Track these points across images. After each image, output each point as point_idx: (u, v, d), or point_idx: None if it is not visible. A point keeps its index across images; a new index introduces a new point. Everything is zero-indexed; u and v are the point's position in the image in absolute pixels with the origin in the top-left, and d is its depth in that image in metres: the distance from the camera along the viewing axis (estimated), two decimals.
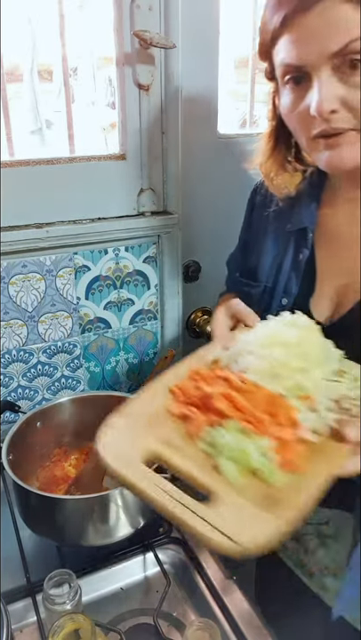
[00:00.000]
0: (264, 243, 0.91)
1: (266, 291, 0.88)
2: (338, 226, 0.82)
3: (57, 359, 1.16)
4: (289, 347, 0.64)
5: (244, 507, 0.51)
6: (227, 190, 1.19)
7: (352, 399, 0.62)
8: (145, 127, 1.08)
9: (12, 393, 1.14)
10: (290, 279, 0.84)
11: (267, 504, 0.51)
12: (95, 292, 1.15)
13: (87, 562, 0.90)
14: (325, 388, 0.62)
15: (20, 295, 1.07)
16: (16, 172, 1.01)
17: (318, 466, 0.55)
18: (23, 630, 0.82)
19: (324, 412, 0.60)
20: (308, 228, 0.83)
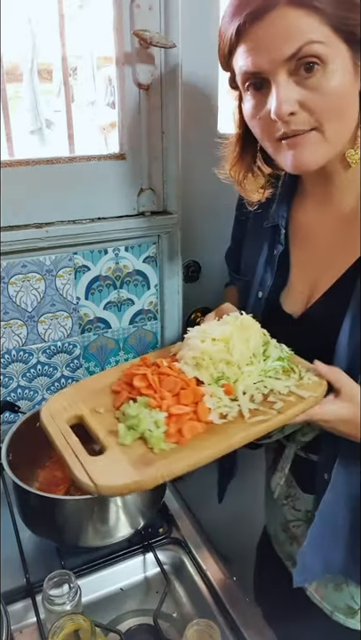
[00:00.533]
0: (246, 239, 0.97)
1: (246, 284, 0.93)
2: (309, 224, 0.86)
3: (57, 359, 1.16)
4: (219, 342, 0.73)
5: (119, 461, 0.63)
6: (227, 190, 1.18)
7: (283, 395, 0.70)
8: (145, 127, 1.08)
9: (12, 393, 1.14)
10: (265, 273, 0.89)
11: (139, 462, 0.62)
12: (95, 291, 1.15)
13: (87, 562, 0.90)
14: (252, 381, 0.71)
15: (19, 295, 1.07)
16: (16, 171, 1.01)
17: (208, 442, 0.65)
18: (23, 631, 0.82)
19: (243, 400, 0.69)
20: (279, 225, 0.87)
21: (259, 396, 0.70)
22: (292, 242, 0.88)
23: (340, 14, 0.64)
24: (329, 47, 0.65)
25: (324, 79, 0.67)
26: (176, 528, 0.98)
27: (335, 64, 0.66)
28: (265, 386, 0.71)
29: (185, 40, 1.03)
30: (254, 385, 0.71)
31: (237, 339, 0.73)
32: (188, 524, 0.99)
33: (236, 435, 0.66)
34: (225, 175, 0.87)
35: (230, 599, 0.84)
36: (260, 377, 0.72)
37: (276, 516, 0.99)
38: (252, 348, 0.73)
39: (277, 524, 0.99)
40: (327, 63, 0.66)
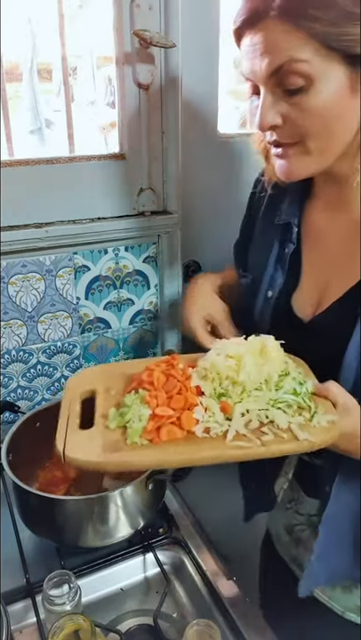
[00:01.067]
0: (256, 234, 0.94)
1: (254, 282, 0.90)
2: (321, 226, 0.84)
3: (57, 359, 1.16)
4: (232, 359, 0.72)
5: (95, 439, 0.68)
6: (227, 190, 1.19)
7: (280, 429, 0.67)
8: (145, 127, 1.08)
9: (12, 393, 1.14)
10: (275, 272, 0.86)
11: (109, 446, 0.66)
12: (95, 291, 1.15)
13: (87, 562, 0.90)
14: (257, 406, 0.69)
15: (19, 295, 1.07)
16: (16, 171, 1.01)
17: (177, 449, 0.66)
18: (23, 631, 0.82)
19: (236, 422, 0.67)
20: (291, 223, 0.85)
21: (256, 423, 0.68)
22: (304, 242, 0.86)
23: (333, 30, 0.61)
24: (316, 65, 0.63)
25: (308, 97, 0.65)
26: (176, 528, 0.98)
27: (323, 83, 0.64)
28: (267, 415, 0.68)
29: (185, 40, 1.03)
30: (258, 411, 0.69)
31: (250, 361, 0.71)
32: (188, 524, 0.99)
33: (207, 453, 0.66)
34: (256, 148, 0.84)
35: (230, 599, 0.84)
36: (267, 405, 0.69)
37: (279, 518, 0.99)
38: (264, 374, 0.70)
39: (280, 526, 0.98)
40: (313, 81, 0.64)
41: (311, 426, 0.67)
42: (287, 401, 0.69)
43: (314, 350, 0.79)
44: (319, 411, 0.68)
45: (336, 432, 0.66)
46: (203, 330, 0.87)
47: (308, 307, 0.83)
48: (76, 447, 0.67)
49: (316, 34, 0.61)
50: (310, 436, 0.65)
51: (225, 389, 0.71)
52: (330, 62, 0.63)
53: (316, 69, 0.63)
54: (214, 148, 1.18)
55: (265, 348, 0.73)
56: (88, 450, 0.66)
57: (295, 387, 0.70)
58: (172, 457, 0.66)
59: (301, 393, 0.70)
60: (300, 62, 0.63)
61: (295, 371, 0.73)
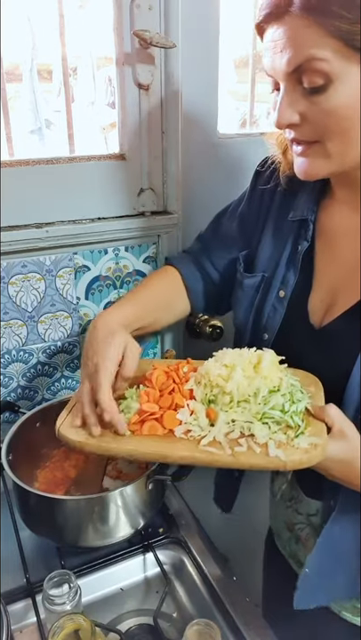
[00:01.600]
0: (265, 230, 0.90)
1: (264, 281, 0.87)
2: (336, 224, 0.81)
3: (57, 359, 1.16)
4: (226, 368, 0.73)
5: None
6: (227, 190, 1.18)
7: (257, 443, 0.67)
8: (145, 127, 1.08)
9: (12, 393, 1.14)
10: (288, 270, 0.84)
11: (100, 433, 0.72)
12: (95, 292, 1.15)
13: (87, 562, 0.90)
14: (243, 418, 0.70)
15: (19, 295, 1.07)
16: (16, 171, 1.01)
17: (153, 444, 0.70)
18: (23, 631, 0.82)
19: (217, 430, 0.69)
20: (308, 220, 0.82)
21: (237, 433, 0.69)
22: (318, 241, 0.83)
23: (355, 29, 0.59)
24: (336, 64, 0.61)
25: (327, 97, 0.63)
26: (176, 528, 0.98)
27: (343, 83, 0.62)
28: (249, 428, 0.69)
29: (185, 40, 1.03)
30: (243, 423, 0.69)
31: (241, 373, 0.71)
32: (188, 524, 0.99)
33: (178, 452, 0.68)
34: (272, 142, 0.83)
35: (230, 599, 0.84)
36: (253, 418, 0.69)
37: (279, 515, 0.99)
38: (253, 387, 0.70)
39: (281, 522, 0.99)
40: (333, 81, 0.62)
41: (290, 445, 0.66)
42: (274, 417, 0.69)
43: (322, 358, 0.78)
44: (307, 431, 0.68)
45: (316, 455, 0.65)
46: (108, 387, 0.75)
47: (319, 312, 0.80)
48: (70, 428, 0.74)
49: (338, 32, 0.60)
50: (283, 455, 0.65)
51: (214, 396, 0.72)
52: (351, 62, 0.61)
53: (335, 69, 0.61)
54: (214, 148, 1.18)
55: (260, 363, 0.73)
56: (78, 431, 0.73)
57: (284, 404, 0.70)
58: (144, 449, 0.69)
59: (290, 411, 0.69)
60: (320, 61, 0.61)
61: (290, 388, 0.72)
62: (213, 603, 0.85)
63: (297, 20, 0.61)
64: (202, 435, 0.70)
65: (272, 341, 0.84)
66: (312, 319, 0.81)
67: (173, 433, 0.71)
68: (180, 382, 0.76)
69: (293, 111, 0.67)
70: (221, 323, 1.21)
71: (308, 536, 0.91)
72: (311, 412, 0.70)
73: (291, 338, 0.82)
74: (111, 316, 0.85)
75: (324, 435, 0.67)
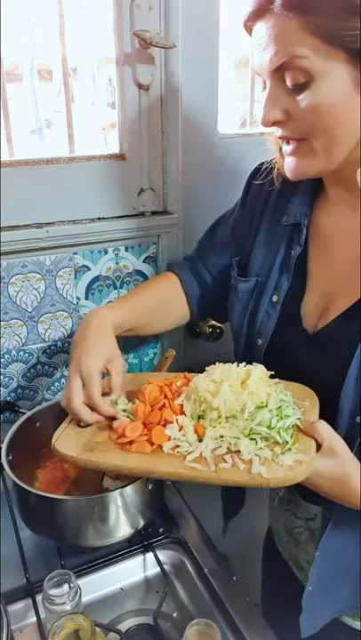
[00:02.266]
0: (258, 235, 0.90)
1: (257, 285, 0.87)
2: (330, 228, 0.80)
3: (57, 359, 1.16)
4: (215, 384, 0.73)
5: (82, 438, 0.77)
6: (227, 190, 1.18)
7: (241, 459, 0.67)
8: (145, 127, 1.08)
9: (12, 393, 1.14)
10: (281, 275, 0.83)
11: (88, 446, 0.75)
12: (95, 292, 1.15)
13: (87, 562, 0.90)
14: (231, 434, 0.69)
15: (19, 295, 1.07)
16: (16, 171, 1.01)
17: (140, 460, 0.71)
18: (23, 631, 0.82)
19: (204, 446, 0.69)
20: (301, 224, 0.82)
21: (224, 449, 0.69)
22: (312, 245, 0.82)
23: (333, 24, 0.59)
24: (317, 62, 0.61)
25: (310, 94, 0.63)
26: (176, 528, 0.98)
27: (325, 80, 0.62)
28: (236, 444, 0.68)
29: (185, 40, 1.03)
30: (231, 439, 0.69)
31: (228, 388, 0.71)
32: (188, 524, 0.99)
33: (163, 468, 0.69)
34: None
35: (230, 599, 0.84)
36: (240, 433, 0.69)
37: (279, 518, 0.99)
38: (240, 403, 0.70)
39: (280, 526, 0.98)
40: (314, 78, 0.62)
41: (275, 462, 0.65)
42: (261, 433, 0.68)
43: (317, 363, 0.77)
44: (294, 448, 0.67)
45: (301, 472, 0.64)
46: (98, 384, 0.79)
47: (313, 317, 0.80)
48: (64, 441, 0.77)
49: (318, 29, 0.60)
50: (266, 472, 0.64)
51: (203, 412, 0.72)
52: (332, 59, 0.61)
53: (316, 66, 0.61)
54: (214, 148, 1.18)
55: (250, 377, 0.73)
56: (71, 445, 0.75)
57: (271, 419, 0.69)
58: (130, 465, 0.71)
59: (277, 427, 0.68)
60: (301, 58, 0.61)
61: (279, 403, 0.71)
62: (213, 603, 0.85)
63: (279, 18, 0.62)
64: (189, 450, 0.70)
65: (266, 346, 0.84)
66: (305, 324, 0.80)
67: (160, 447, 0.71)
68: (173, 397, 0.77)
69: (278, 109, 0.67)
70: (221, 323, 1.21)
71: (306, 540, 0.90)
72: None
73: (284, 343, 0.81)
74: (104, 314, 0.87)
75: (312, 452, 0.66)
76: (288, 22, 0.61)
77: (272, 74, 0.65)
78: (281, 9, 0.61)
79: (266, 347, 0.84)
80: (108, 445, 0.75)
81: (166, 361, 1.07)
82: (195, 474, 0.67)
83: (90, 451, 0.74)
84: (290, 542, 0.95)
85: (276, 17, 0.62)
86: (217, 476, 0.66)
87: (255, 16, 0.65)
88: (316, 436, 0.67)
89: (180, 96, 1.07)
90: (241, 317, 0.89)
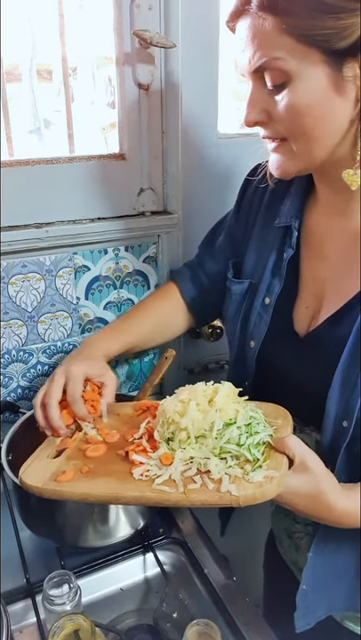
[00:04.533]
0: (253, 236, 0.90)
1: (250, 287, 0.86)
2: (322, 230, 0.80)
3: (57, 359, 1.16)
4: (179, 406, 0.71)
5: (49, 469, 0.74)
6: (227, 190, 1.19)
7: (211, 479, 0.66)
8: (145, 127, 1.08)
9: (12, 393, 1.14)
10: (273, 278, 0.82)
11: (55, 475, 0.72)
12: (95, 291, 1.15)
13: (87, 562, 0.90)
14: (201, 454, 0.68)
15: (19, 295, 1.07)
16: (16, 171, 1.01)
17: (107, 487, 0.69)
18: (23, 631, 0.82)
19: (174, 469, 0.68)
20: (292, 226, 0.81)
21: (193, 470, 0.68)
22: (304, 247, 0.82)
23: (306, 23, 0.58)
24: (293, 62, 0.61)
25: (288, 95, 0.63)
26: (176, 528, 0.98)
27: (301, 81, 0.62)
28: (205, 464, 0.67)
29: (185, 40, 1.03)
30: (200, 459, 0.68)
31: (195, 407, 0.70)
32: (188, 524, 0.99)
33: (129, 493, 0.68)
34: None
35: (230, 599, 0.84)
36: (210, 453, 0.68)
37: (280, 522, 0.99)
38: (208, 421, 0.69)
39: (281, 530, 0.98)
40: (293, 79, 0.62)
41: (245, 479, 0.64)
42: (231, 451, 0.67)
43: (307, 366, 0.76)
44: (265, 465, 0.66)
45: (271, 489, 0.63)
46: (80, 386, 0.82)
47: (305, 320, 0.79)
48: (31, 473, 0.74)
49: (290, 28, 0.59)
50: (235, 490, 0.63)
51: (172, 434, 0.71)
52: (307, 60, 0.61)
53: (293, 67, 0.61)
54: (214, 148, 1.18)
55: (218, 395, 0.71)
56: (37, 476, 0.73)
57: (240, 436, 0.68)
58: (97, 492, 0.69)
59: (246, 444, 0.67)
60: (278, 59, 0.61)
61: (249, 420, 0.70)
62: (213, 603, 0.85)
63: (255, 19, 0.62)
64: (158, 474, 0.68)
65: (258, 349, 0.83)
66: (297, 327, 0.80)
67: (132, 475, 0.70)
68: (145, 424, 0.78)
69: (259, 109, 0.67)
70: (221, 323, 1.21)
71: (306, 545, 0.90)
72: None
73: (276, 346, 0.81)
74: (100, 341, 0.91)
75: (283, 468, 0.65)
76: (263, 23, 0.61)
77: (253, 75, 0.66)
78: (256, 9, 0.61)
79: (258, 349, 0.83)
80: (75, 474, 0.73)
81: (166, 361, 1.06)
82: (162, 497, 0.66)
83: (56, 481, 0.72)
84: (291, 546, 0.95)
85: (252, 18, 0.62)
86: (185, 497, 0.65)
87: (235, 16, 0.65)
88: (287, 451, 0.66)
89: (180, 96, 1.07)
90: (234, 319, 0.89)
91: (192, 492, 0.65)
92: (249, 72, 0.65)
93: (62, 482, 0.71)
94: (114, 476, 0.71)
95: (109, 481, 0.70)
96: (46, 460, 0.77)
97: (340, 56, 0.60)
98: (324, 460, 0.69)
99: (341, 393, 0.70)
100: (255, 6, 0.61)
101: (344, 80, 0.61)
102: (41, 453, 0.79)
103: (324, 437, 0.73)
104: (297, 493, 0.66)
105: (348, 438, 0.69)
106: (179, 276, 1.05)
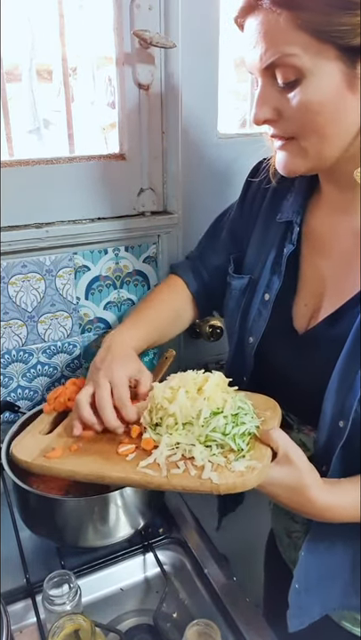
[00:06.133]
0: (254, 232, 0.89)
1: (250, 283, 0.86)
2: (324, 227, 0.79)
3: (57, 359, 1.16)
4: (168, 392, 0.72)
5: (41, 444, 0.77)
6: (227, 190, 1.19)
7: (194, 465, 0.67)
8: (145, 127, 1.08)
9: (12, 393, 1.14)
10: (273, 274, 0.82)
11: (45, 452, 0.75)
12: (95, 292, 1.15)
13: (87, 562, 0.90)
14: (187, 441, 0.69)
15: (19, 295, 1.07)
16: (16, 171, 1.01)
17: (95, 465, 0.71)
18: (23, 631, 0.82)
19: (159, 453, 0.69)
20: (293, 222, 0.81)
21: (178, 456, 0.69)
22: (305, 244, 0.81)
23: (322, 19, 0.58)
24: (307, 59, 0.60)
25: (300, 92, 0.62)
26: (176, 528, 0.98)
27: (315, 78, 0.61)
28: (190, 450, 0.68)
29: (185, 40, 1.03)
30: (186, 445, 0.69)
31: (184, 394, 0.71)
32: (188, 524, 0.99)
33: (115, 474, 0.70)
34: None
35: (230, 599, 0.84)
36: (197, 440, 0.69)
37: (279, 521, 0.99)
38: (196, 408, 0.70)
39: (281, 529, 0.98)
40: (305, 76, 0.61)
41: (227, 468, 0.65)
42: (216, 439, 0.68)
43: (305, 364, 0.76)
44: (248, 455, 0.66)
45: (251, 479, 0.64)
46: (127, 388, 0.80)
47: (304, 317, 0.79)
48: (22, 447, 0.77)
49: (307, 25, 0.59)
50: (216, 478, 0.64)
51: (160, 419, 0.72)
52: (322, 56, 0.60)
53: (306, 63, 0.60)
54: (214, 148, 1.18)
55: (208, 383, 0.72)
56: (28, 451, 0.75)
57: (226, 425, 0.68)
58: (83, 470, 0.71)
59: (231, 433, 0.68)
60: (291, 56, 0.60)
61: (236, 410, 0.71)
62: (213, 603, 0.85)
63: (268, 14, 0.61)
64: (143, 457, 0.70)
65: (257, 345, 0.83)
66: (296, 324, 0.79)
67: (122, 455, 0.72)
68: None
69: (269, 107, 0.66)
70: (221, 323, 1.21)
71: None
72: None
73: (275, 342, 0.81)
74: (124, 337, 0.87)
75: (266, 459, 0.66)
76: (277, 18, 0.60)
77: (263, 72, 0.65)
78: (270, 4, 0.60)
79: (257, 345, 0.83)
80: (64, 451, 0.74)
81: (166, 361, 1.06)
82: (145, 479, 0.67)
83: (45, 457, 0.74)
84: (290, 545, 0.95)
85: (265, 13, 0.61)
86: (167, 481, 0.66)
87: (245, 12, 0.64)
88: (272, 443, 0.67)
89: (180, 96, 1.07)
90: (234, 314, 0.89)
91: (174, 477, 0.66)
92: (259, 69, 0.64)
93: (51, 458, 0.72)
94: (101, 455, 0.73)
95: (96, 460, 0.72)
96: (38, 436, 0.79)
97: (354, 53, 0.59)
98: (319, 459, 0.69)
99: (338, 393, 0.70)
100: (269, 1, 0.60)
101: (357, 77, 0.61)
102: (34, 429, 0.81)
103: (320, 437, 0.73)
104: (279, 485, 0.67)
105: (343, 438, 0.70)
106: (181, 270, 1.04)
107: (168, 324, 0.98)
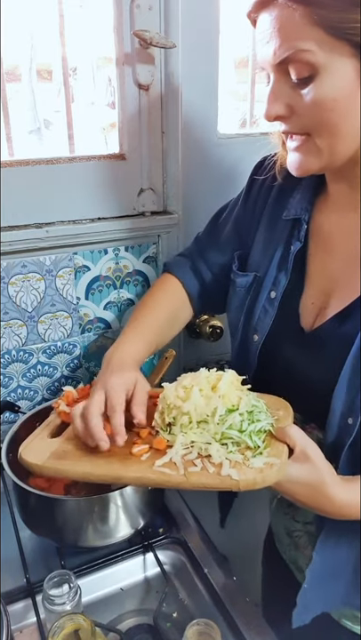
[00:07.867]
0: (259, 229, 0.88)
1: (256, 280, 0.85)
2: (331, 223, 0.79)
3: (57, 359, 1.16)
4: (181, 391, 0.71)
5: (51, 447, 0.74)
6: (227, 190, 1.18)
7: (212, 463, 0.66)
8: (145, 127, 1.08)
9: (12, 393, 1.14)
10: (279, 271, 0.81)
11: (56, 454, 0.73)
12: (95, 292, 1.15)
13: (87, 562, 0.90)
14: (202, 439, 0.68)
15: (19, 295, 1.07)
16: (16, 171, 1.01)
17: (110, 466, 0.69)
18: (23, 631, 0.82)
19: (175, 452, 0.68)
20: (301, 219, 0.80)
21: (194, 454, 0.68)
22: (312, 242, 0.80)
23: (338, 16, 0.57)
24: (321, 55, 0.60)
25: (313, 88, 0.62)
26: (176, 528, 0.98)
27: (329, 74, 0.60)
28: (206, 449, 0.68)
29: (185, 40, 1.03)
30: (202, 444, 0.68)
31: (198, 392, 0.70)
32: (188, 524, 0.99)
33: (131, 474, 0.68)
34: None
35: (230, 599, 0.84)
36: (212, 438, 0.68)
37: (279, 521, 0.99)
38: (211, 407, 0.69)
39: (281, 528, 0.98)
40: (319, 72, 0.61)
41: (245, 465, 0.65)
42: (232, 437, 0.68)
43: (312, 362, 0.76)
44: (265, 452, 0.66)
45: (271, 475, 0.63)
46: (122, 399, 0.76)
47: (310, 315, 0.79)
48: (31, 451, 0.74)
49: (322, 21, 0.58)
50: (236, 475, 0.63)
51: (173, 418, 0.71)
52: (336, 53, 0.60)
53: (321, 59, 0.60)
54: (214, 148, 1.18)
55: (220, 381, 0.71)
56: (38, 454, 0.73)
57: (242, 422, 0.68)
58: (99, 472, 0.69)
59: (248, 430, 0.67)
60: (305, 52, 0.60)
61: (251, 407, 0.70)
62: (213, 603, 0.85)
63: (283, 9, 0.60)
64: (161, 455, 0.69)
65: (262, 343, 0.83)
66: (303, 322, 0.79)
67: (136, 455, 0.70)
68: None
69: (282, 103, 0.66)
70: (221, 323, 1.21)
71: (305, 544, 0.90)
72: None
73: (281, 340, 0.81)
74: (124, 354, 0.85)
75: (284, 456, 0.65)
76: (292, 14, 0.60)
77: (276, 67, 0.64)
78: (286, 0, 0.60)
79: (262, 343, 0.83)
80: (75, 453, 0.73)
81: (166, 361, 1.06)
82: (163, 478, 0.66)
83: (58, 458, 0.72)
84: (290, 545, 0.95)
85: (280, 8, 0.61)
86: (185, 479, 0.65)
87: (259, 7, 0.64)
88: (288, 440, 0.67)
89: (180, 96, 1.07)
90: (238, 312, 0.88)
91: (193, 475, 0.65)
92: (272, 64, 0.64)
93: (64, 460, 0.71)
94: (115, 456, 0.71)
95: (110, 461, 0.70)
96: (46, 440, 0.77)
97: None
98: (327, 457, 0.69)
99: (348, 390, 0.70)
100: None
101: None
102: (41, 433, 0.79)
103: (329, 434, 0.73)
104: (297, 482, 0.66)
105: (352, 436, 0.69)
106: (177, 269, 1.00)
107: (166, 328, 0.97)
